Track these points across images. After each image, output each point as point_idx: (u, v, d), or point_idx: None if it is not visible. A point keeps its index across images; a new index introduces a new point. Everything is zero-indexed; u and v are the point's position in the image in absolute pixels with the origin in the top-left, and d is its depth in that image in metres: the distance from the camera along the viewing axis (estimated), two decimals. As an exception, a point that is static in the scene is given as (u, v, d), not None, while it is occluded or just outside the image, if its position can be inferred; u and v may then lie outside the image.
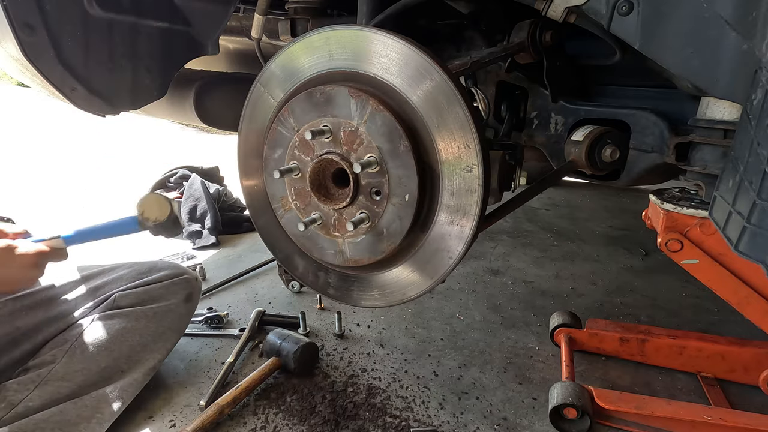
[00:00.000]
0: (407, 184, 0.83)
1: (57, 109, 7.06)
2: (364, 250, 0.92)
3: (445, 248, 0.87)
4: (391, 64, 0.83)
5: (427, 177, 0.84)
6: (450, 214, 0.85)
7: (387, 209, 0.86)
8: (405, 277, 0.95)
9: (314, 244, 0.99)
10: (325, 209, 0.93)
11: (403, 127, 0.81)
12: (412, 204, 0.84)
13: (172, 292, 1.41)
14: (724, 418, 1.21)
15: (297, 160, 0.93)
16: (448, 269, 0.88)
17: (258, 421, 1.29)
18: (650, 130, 1.04)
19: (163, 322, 1.37)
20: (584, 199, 3.78)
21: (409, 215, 0.85)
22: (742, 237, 0.65)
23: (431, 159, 0.83)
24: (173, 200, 1.22)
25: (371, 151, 0.84)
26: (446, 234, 0.87)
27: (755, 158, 0.64)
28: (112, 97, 1.30)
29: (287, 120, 0.92)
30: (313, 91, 0.87)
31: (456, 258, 0.86)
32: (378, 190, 0.86)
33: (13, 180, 4.00)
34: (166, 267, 1.45)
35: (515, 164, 1.17)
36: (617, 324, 1.65)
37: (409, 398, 1.40)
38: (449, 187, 0.83)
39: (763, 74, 0.65)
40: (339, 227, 0.94)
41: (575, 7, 0.90)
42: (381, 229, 0.89)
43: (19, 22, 1.05)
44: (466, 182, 0.82)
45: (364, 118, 0.83)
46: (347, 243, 0.94)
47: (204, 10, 1.37)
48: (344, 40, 0.86)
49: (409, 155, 0.81)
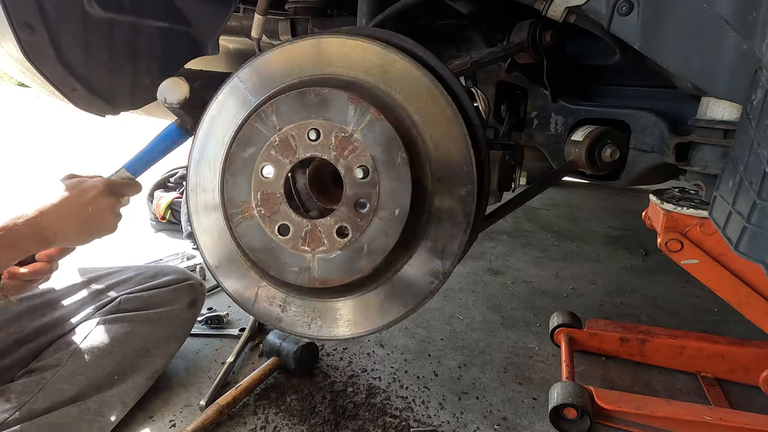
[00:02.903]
0: (399, 198, 0.79)
1: (57, 109, 7.06)
2: (336, 268, 0.84)
3: (427, 272, 0.84)
4: (392, 80, 0.81)
5: (419, 194, 0.81)
6: (436, 234, 0.82)
7: (372, 223, 0.80)
8: (375, 303, 0.88)
9: (274, 259, 0.88)
10: (296, 219, 0.85)
11: (403, 139, 0.78)
12: (401, 219, 0.79)
13: (177, 297, 1.42)
14: (724, 418, 1.21)
15: (272, 162, 0.85)
16: (429, 294, 0.85)
17: (258, 421, 1.29)
18: (650, 130, 1.04)
19: (167, 327, 1.37)
20: (584, 199, 3.78)
21: (396, 231, 0.79)
22: (742, 237, 0.65)
23: (424, 176, 0.81)
24: (182, 78, 1.16)
25: (365, 159, 0.80)
26: (429, 257, 0.83)
27: (755, 158, 0.64)
28: (112, 97, 1.29)
29: (268, 117, 0.85)
30: (307, 91, 0.83)
31: (436, 285, 0.84)
32: (365, 202, 0.81)
33: (13, 180, 4.00)
34: (171, 272, 1.46)
35: (515, 164, 1.17)
36: (617, 324, 1.65)
37: (409, 398, 1.40)
38: (438, 205, 0.81)
39: (763, 74, 0.65)
40: (311, 240, 0.84)
41: (575, 7, 0.89)
42: (362, 245, 0.82)
43: (19, 22, 1.05)
44: (457, 203, 0.80)
45: (362, 125, 0.79)
46: (317, 259, 0.85)
47: (204, 10, 1.37)
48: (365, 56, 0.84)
49: (405, 168, 0.78)
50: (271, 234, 0.87)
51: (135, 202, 1.30)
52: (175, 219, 2.73)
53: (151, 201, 2.81)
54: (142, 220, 2.88)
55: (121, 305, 1.32)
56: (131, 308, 1.33)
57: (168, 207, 2.73)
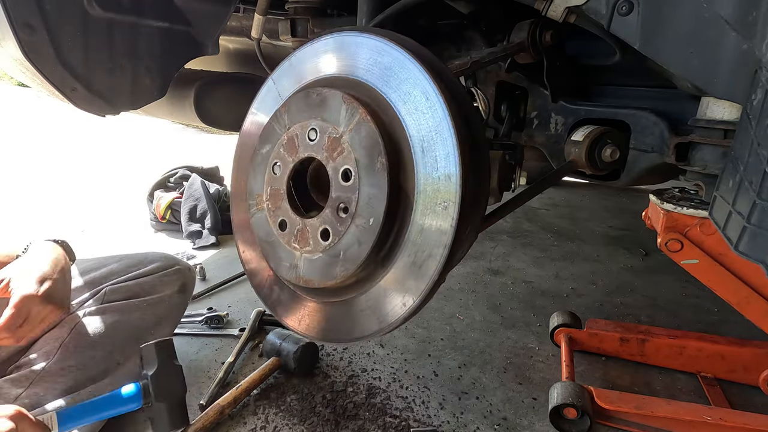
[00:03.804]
0: (375, 206, 0.75)
1: (57, 109, 7.06)
2: (316, 270, 0.83)
3: (403, 290, 0.78)
4: (391, 78, 0.78)
5: (399, 204, 0.75)
6: (415, 251, 0.76)
7: (349, 229, 0.77)
8: (354, 313, 0.85)
9: (273, 252, 0.90)
10: (293, 216, 0.86)
11: (385, 143, 0.74)
12: (374, 230, 0.74)
13: (165, 283, 1.39)
14: (724, 418, 1.21)
15: (280, 159, 0.88)
16: (399, 319, 0.78)
17: (258, 421, 1.29)
18: (650, 130, 1.04)
19: (157, 313, 1.35)
20: (584, 199, 3.78)
21: (369, 242, 0.75)
22: (742, 237, 0.65)
23: (409, 186, 0.75)
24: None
25: (349, 162, 0.77)
26: (406, 275, 0.77)
27: (755, 158, 0.64)
28: (112, 97, 1.30)
29: (282, 117, 0.88)
30: (310, 91, 0.83)
31: (410, 307, 0.77)
32: (346, 207, 0.78)
33: (13, 180, 4.00)
34: (157, 258, 1.42)
35: (515, 164, 1.17)
36: (617, 324, 1.65)
37: (409, 398, 1.40)
38: (420, 221, 0.75)
39: (763, 74, 0.65)
40: (300, 239, 0.85)
41: (575, 7, 0.89)
42: (339, 251, 0.79)
43: (19, 22, 1.05)
44: (439, 220, 0.73)
45: (351, 126, 0.77)
46: (303, 258, 0.85)
47: (204, 10, 1.37)
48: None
49: (383, 174, 0.74)
50: (273, 228, 0.90)
51: (135, 203, 1.30)
52: (175, 219, 2.73)
53: (151, 201, 2.81)
54: (142, 220, 2.89)
55: (107, 296, 1.29)
56: (118, 299, 1.30)
57: (168, 207, 2.73)
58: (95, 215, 3.04)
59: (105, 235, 2.72)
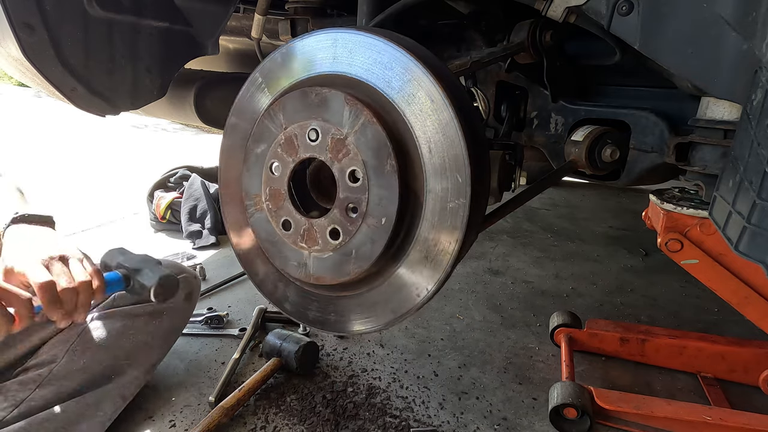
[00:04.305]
0: (386, 206, 0.77)
1: (57, 109, 7.06)
2: (328, 268, 0.85)
3: (414, 284, 0.82)
4: (393, 79, 0.78)
5: (409, 203, 0.78)
6: (426, 248, 0.79)
7: (361, 229, 0.80)
8: (367, 306, 0.89)
9: (278, 252, 0.92)
10: (297, 217, 0.87)
11: (393, 145, 0.76)
12: (387, 229, 0.78)
13: None
14: (724, 418, 1.21)
15: (278, 159, 0.88)
16: (413, 308, 0.83)
17: (258, 421, 1.29)
18: (650, 130, 1.04)
19: (163, 320, 1.36)
20: (584, 199, 3.78)
21: (382, 240, 0.78)
22: (742, 237, 0.65)
23: (418, 185, 0.78)
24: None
25: (356, 164, 0.79)
26: (418, 270, 0.81)
27: (755, 158, 0.64)
28: (112, 97, 1.29)
29: (276, 115, 0.87)
30: (309, 91, 0.82)
31: (423, 298, 0.81)
32: (355, 207, 0.80)
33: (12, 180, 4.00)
34: (166, 266, 1.44)
35: (515, 164, 1.17)
36: (617, 324, 1.65)
37: (409, 398, 1.40)
38: (430, 218, 0.78)
39: (763, 74, 0.65)
40: (307, 239, 0.87)
41: (575, 7, 0.89)
42: (350, 250, 0.82)
43: (19, 22, 1.05)
44: (449, 217, 0.76)
45: (355, 127, 0.78)
46: (312, 257, 0.87)
47: (204, 10, 1.37)
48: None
49: (393, 176, 0.76)
50: (276, 228, 0.90)
51: (135, 203, 1.30)
52: (175, 219, 2.73)
53: (151, 201, 2.81)
54: (142, 220, 2.89)
55: (115, 301, 1.31)
56: (125, 303, 1.31)
57: (168, 207, 2.73)
58: (95, 215, 3.04)
59: (105, 235, 2.72)
